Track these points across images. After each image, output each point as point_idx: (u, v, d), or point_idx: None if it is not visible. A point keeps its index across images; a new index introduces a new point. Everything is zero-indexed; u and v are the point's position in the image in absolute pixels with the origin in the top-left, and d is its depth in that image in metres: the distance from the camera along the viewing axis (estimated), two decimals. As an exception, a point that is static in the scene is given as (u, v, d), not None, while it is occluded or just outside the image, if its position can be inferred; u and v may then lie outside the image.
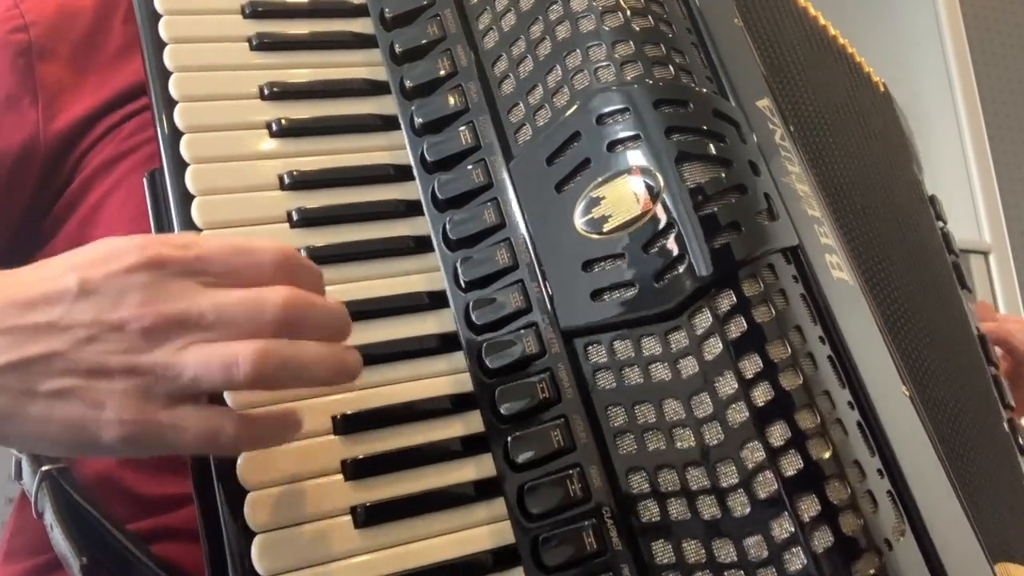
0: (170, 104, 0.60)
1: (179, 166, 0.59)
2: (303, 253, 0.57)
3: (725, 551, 0.49)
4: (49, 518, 0.58)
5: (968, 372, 0.68)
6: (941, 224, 0.78)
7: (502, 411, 0.54)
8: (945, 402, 0.61)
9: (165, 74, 0.61)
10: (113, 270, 0.47)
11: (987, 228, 2.30)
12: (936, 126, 2.24)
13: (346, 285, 0.58)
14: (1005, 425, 0.68)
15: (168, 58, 0.61)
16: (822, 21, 0.75)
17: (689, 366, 0.52)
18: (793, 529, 0.48)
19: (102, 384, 0.46)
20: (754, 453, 0.49)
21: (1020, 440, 0.68)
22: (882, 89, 0.80)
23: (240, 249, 0.49)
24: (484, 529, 0.54)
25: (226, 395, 0.52)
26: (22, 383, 0.46)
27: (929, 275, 0.70)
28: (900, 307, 0.62)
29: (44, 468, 0.59)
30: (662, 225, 0.53)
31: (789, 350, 0.51)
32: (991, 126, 2.32)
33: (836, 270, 0.56)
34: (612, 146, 0.55)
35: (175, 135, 0.60)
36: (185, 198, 0.58)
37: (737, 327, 0.51)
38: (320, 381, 0.50)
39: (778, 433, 0.49)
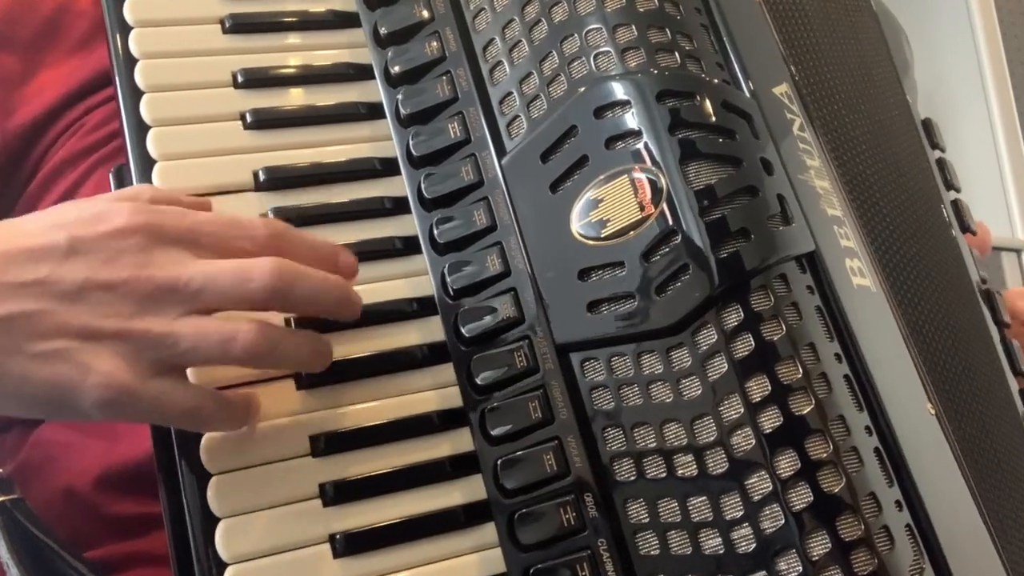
0: (136, 94, 0.59)
1: (146, 162, 0.58)
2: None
3: (728, 590, 0.49)
4: (4, 556, 0.58)
5: (985, 357, 0.66)
6: (939, 153, 0.74)
7: (492, 432, 0.54)
8: (970, 408, 0.59)
9: (131, 61, 0.60)
10: (104, 230, 0.48)
11: (1020, 225, 2.26)
12: (967, 120, 2.20)
13: (325, 293, 0.57)
14: (1017, 399, 0.66)
15: (134, 44, 0.60)
16: None
17: (692, 387, 0.50)
18: (802, 568, 0.47)
19: (90, 346, 0.46)
20: (760, 484, 0.48)
21: None
22: None
23: (232, 222, 0.51)
24: (474, 557, 0.54)
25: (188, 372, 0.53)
26: (6, 340, 0.46)
27: (938, 248, 0.67)
28: (923, 304, 0.60)
29: None
30: (665, 231, 0.52)
31: (800, 371, 0.50)
32: (1025, 117, 2.28)
33: (857, 276, 0.55)
34: (611, 142, 0.54)
35: (141, 128, 0.59)
36: (153, 197, 0.57)
37: (744, 345, 0.50)
38: (301, 367, 0.53)
39: (786, 463, 0.48)
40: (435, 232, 0.58)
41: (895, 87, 0.73)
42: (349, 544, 0.52)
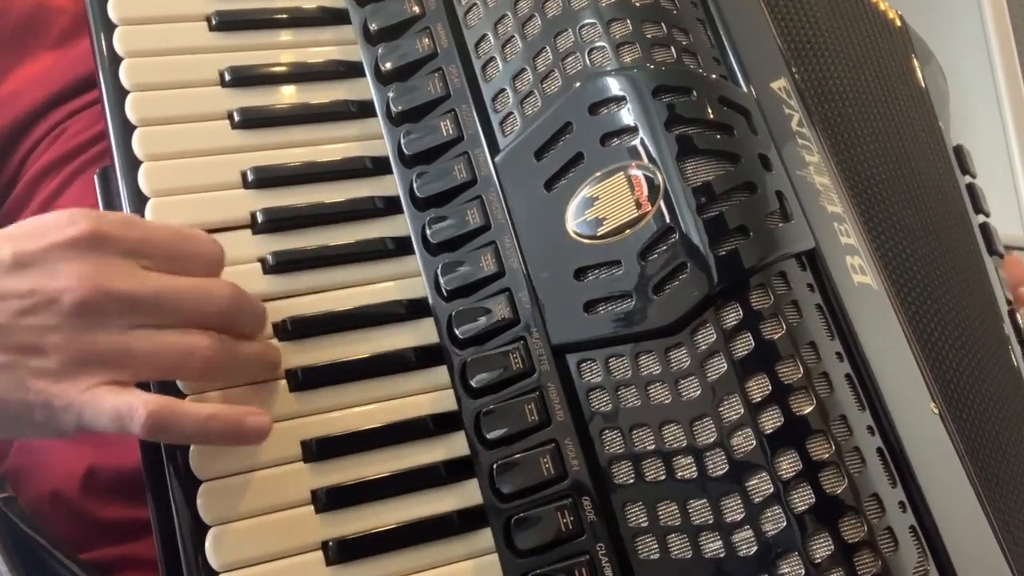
0: (121, 94, 0.59)
1: (132, 162, 0.58)
2: (270, 261, 0.57)
3: (730, 594, 0.48)
4: None
5: (999, 362, 0.66)
6: (969, 178, 0.74)
7: (487, 436, 0.54)
8: (977, 409, 0.59)
9: (116, 60, 0.60)
10: (49, 243, 0.47)
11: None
12: (978, 115, 2.21)
13: (316, 295, 0.57)
14: None
15: (119, 42, 0.60)
16: None
17: (691, 388, 0.50)
18: (804, 571, 0.47)
19: (34, 362, 0.46)
20: (761, 486, 0.48)
21: None
22: (898, 24, 0.75)
23: (184, 236, 0.51)
24: (469, 564, 0.54)
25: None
26: None
27: (954, 254, 0.67)
28: (928, 303, 0.60)
29: None
30: (662, 229, 0.52)
31: (801, 370, 0.49)
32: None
33: (858, 274, 0.55)
34: (607, 139, 0.54)
35: (127, 128, 0.58)
36: (140, 199, 0.57)
37: (744, 345, 0.50)
38: (253, 378, 0.53)
39: (788, 464, 0.48)
40: (428, 232, 0.57)
41: (919, 100, 0.73)
42: (342, 551, 0.52)
